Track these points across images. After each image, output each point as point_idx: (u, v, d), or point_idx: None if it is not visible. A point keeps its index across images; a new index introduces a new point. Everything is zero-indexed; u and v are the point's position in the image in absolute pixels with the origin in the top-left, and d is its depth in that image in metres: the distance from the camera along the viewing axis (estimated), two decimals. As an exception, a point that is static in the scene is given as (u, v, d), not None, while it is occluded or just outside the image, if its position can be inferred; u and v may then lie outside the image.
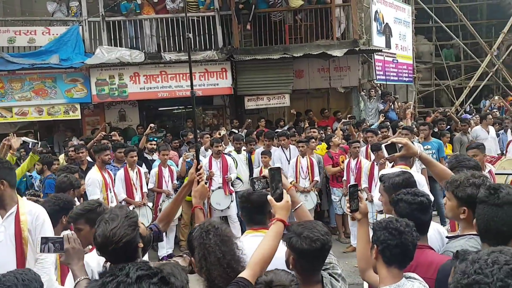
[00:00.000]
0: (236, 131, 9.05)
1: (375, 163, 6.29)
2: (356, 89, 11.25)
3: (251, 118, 10.07)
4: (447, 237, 2.45)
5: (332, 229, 7.26)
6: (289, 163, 7.28)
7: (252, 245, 1.99)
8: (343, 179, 7.04)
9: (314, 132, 7.95)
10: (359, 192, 2.36)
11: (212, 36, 10.29)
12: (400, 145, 2.70)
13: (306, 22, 10.47)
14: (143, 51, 10.03)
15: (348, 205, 2.34)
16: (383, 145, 2.79)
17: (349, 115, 9.71)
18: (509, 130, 9.07)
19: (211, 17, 10.25)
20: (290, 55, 9.79)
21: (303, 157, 7.08)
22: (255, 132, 8.54)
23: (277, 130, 9.01)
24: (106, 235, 1.87)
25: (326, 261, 2.01)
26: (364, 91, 11.35)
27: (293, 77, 10.42)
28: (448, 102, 15.43)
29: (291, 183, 7.09)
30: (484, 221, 1.78)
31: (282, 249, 1.96)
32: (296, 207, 2.27)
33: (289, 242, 1.90)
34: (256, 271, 1.82)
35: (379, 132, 7.30)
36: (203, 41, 10.26)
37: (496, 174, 5.35)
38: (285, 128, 9.43)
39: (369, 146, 6.86)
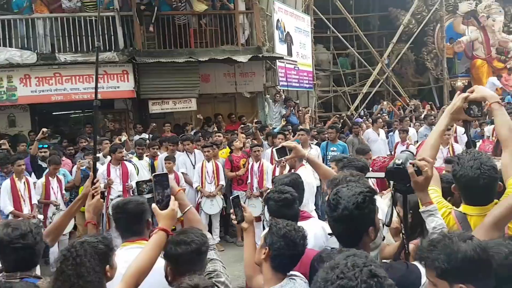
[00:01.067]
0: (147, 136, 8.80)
1: (277, 166, 6.53)
2: (261, 94, 11.57)
3: (157, 122, 9.85)
4: (329, 234, 2.62)
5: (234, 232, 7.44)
6: (194, 168, 7.26)
7: (128, 258, 1.89)
8: (247, 181, 7.21)
9: (219, 136, 8.01)
10: (241, 202, 2.42)
11: (112, 37, 9.88)
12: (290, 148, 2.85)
13: (211, 27, 10.53)
14: (36, 51, 9.30)
15: (233, 217, 2.38)
16: (273, 149, 2.92)
17: (256, 120, 9.94)
18: (397, 132, 9.97)
19: (110, 17, 9.85)
20: (196, 59, 9.75)
21: (208, 162, 7.10)
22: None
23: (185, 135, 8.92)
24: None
25: (210, 269, 2.02)
26: (269, 96, 11.76)
27: (199, 81, 10.39)
28: (345, 107, 16.54)
29: (196, 188, 7.16)
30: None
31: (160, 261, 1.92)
32: (185, 210, 2.23)
33: (165, 252, 1.88)
34: (131, 284, 1.74)
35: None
36: (102, 42, 9.80)
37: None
38: (192, 132, 9.37)
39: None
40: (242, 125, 9.11)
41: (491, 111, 2.29)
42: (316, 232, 2.64)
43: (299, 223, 2.58)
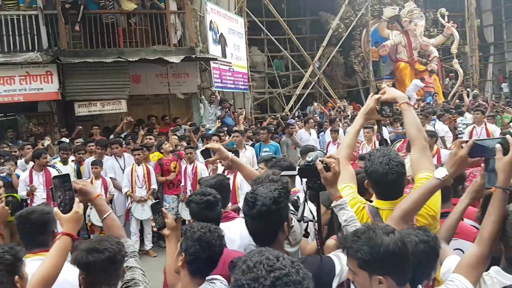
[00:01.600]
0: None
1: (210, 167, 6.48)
2: (196, 95, 11.46)
3: (85, 125, 9.41)
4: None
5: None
6: (123, 172, 7.01)
7: (29, 270, 1.77)
8: (180, 185, 7.09)
9: (150, 139, 7.81)
10: (162, 208, 2.37)
11: (36, 36, 9.31)
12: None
13: (141, 26, 10.25)
14: None
15: (153, 224, 2.31)
16: (197, 151, 2.90)
17: (190, 122, 9.82)
18: (328, 132, 10.31)
19: (33, 16, 9.29)
20: (125, 59, 9.43)
21: (139, 165, 6.89)
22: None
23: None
24: None
25: (128, 277, 1.94)
26: (204, 97, 11.70)
27: (129, 82, 10.07)
28: (280, 108, 16.85)
29: (126, 193, 6.93)
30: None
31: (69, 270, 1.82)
32: (104, 216, 2.13)
33: (75, 259, 1.78)
34: None
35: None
36: (24, 41, 9.22)
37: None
38: (123, 135, 9.05)
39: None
40: (172, 128, 8.95)
41: (401, 111, 2.43)
42: (242, 232, 2.64)
43: (224, 224, 2.58)
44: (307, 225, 2.17)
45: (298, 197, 2.41)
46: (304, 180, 2.11)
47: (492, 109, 10.61)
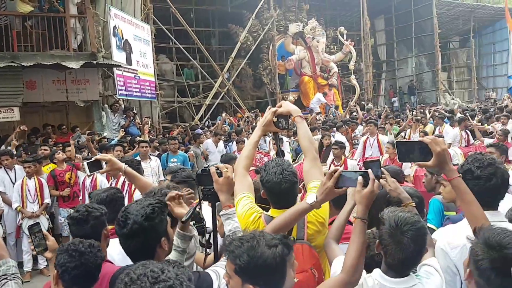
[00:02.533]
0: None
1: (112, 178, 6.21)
2: (97, 103, 10.92)
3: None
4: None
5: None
6: (13, 186, 6.44)
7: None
8: (78, 197, 6.70)
9: (45, 150, 7.27)
10: (42, 229, 2.24)
11: None
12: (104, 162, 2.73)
13: (38, 30, 9.57)
14: None
15: (32, 247, 2.17)
16: (85, 162, 2.76)
17: (88, 131, 9.32)
18: (234, 142, 10.50)
19: None
20: (19, 63, 8.71)
21: (30, 179, 6.38)
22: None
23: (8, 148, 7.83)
24: None
25: None
26: (107, 105, 11.20)
27: (23, 88, 9.29)
28: (190, 117, 16.74)
29: (16, 208, 6.36)
30: None
31: None
32: None
33: None
34: None
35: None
36: None
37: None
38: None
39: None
40: (73, 136, 8.44)
41: (295, 123, 2.57)
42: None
43: (112, 241, 2.48)
44: (210, 236, 2.17)
45: (200, 208, 2.42)
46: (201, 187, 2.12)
47: (383, 120, 11.60)
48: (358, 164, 7.49)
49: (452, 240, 2.05)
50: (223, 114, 14.08)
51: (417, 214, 2.03)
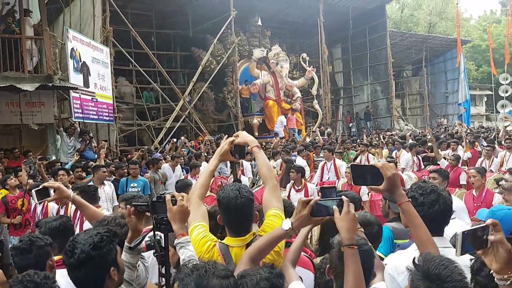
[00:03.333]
0: None
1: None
2: (52, 126, 10.60)
3: None
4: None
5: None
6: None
7: None
8: (30, 224, 6.39)
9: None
10: None
11: None
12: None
13: (-8, 51, 9.27)
14: None
15: None
16: (33, 190, 2.68)
17: (39, 156, 8.98)
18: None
19: None
20: (-31, 85, 8.37)
21: (-24, 205, 6.04)
22: None
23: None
24: None
25: None
26: (63, 128, 10.89)
27: (-27, 110, 8.91)
28: (149, 140, 16.49)
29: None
30: None
31: None
32: None
33: None
34: None
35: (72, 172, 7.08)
36: None
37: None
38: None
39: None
40: (25, 160, 8.11)
41: (253, 153, 2.61)
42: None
43: (59, 272, 2.40)
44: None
45: (160, 237, 2.38)
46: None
47: (340, 145, 11.90)
48: (316, 188, 7.62)
49: (399, 265, 2.07)
50: (182, 138, 13.99)
51: (364, 238, 2.10)
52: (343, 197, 1.83)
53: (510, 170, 5.08)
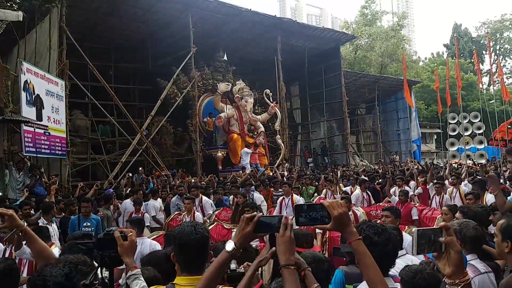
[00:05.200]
0: None
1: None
2: (1, 160, 10.10)
3: None
4: None
5: None
6: None
7: None
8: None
9: None
10: None
11: None
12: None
13: None
14: None
15: None
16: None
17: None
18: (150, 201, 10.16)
19: None
20: None
21: None
22: None
23: None
24: None
25: None
26: (12, 163, 10.40)
27: None
28: (104, 175, 16.00)
29: None
30: None
31: None
32: None
33: None
34: None
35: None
36: None
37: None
38: None
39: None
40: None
41: None
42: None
43: None
44: None
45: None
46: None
47: (297, 181, 12.05)
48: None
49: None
50: (140, 169, 13.74)
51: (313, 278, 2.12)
52: (284, 215, 1.83)
53: (448, 206, 5.29)
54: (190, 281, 2.17)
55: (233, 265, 2.39)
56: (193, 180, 12.94)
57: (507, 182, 9.17)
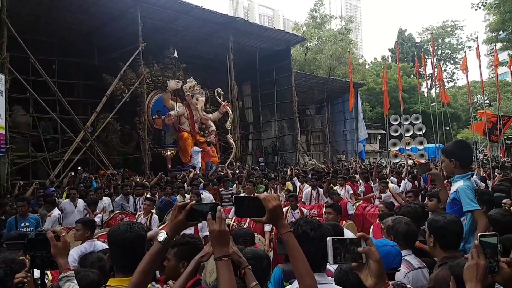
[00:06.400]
0: None
1: None
2: None
3: None
4: None
5: None
6: None
7: None
8: None
9: None
10: None
11: None
12: None
13: None
14: None
15: None
16: None
17: None
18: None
19: None
20: None
21: None
22: None
23: None
24: None
25: None
26: None
27: None
28: (45, 174, 15.26)
29: None
30: None
31: None
32: None
33: None
34: None
35: None
36: None
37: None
38: None
39: None
40: None
41: None
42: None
43: None
44: None
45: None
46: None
47: (246, 180, 12.13)
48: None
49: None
50: (79, 168, 13.28)
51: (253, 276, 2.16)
52: (218, 208, 1.78)
53: (383, 201, 5.56)
54: (123, 282, 2.08)
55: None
56: (138, 179, 12.69)
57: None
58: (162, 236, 1.85)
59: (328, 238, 1.61)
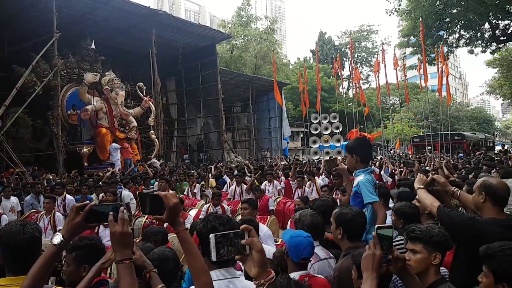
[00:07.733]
0: None
1: None
2: None
3: None
4: None
5: None
6: None
7: None
8: None
9: None
10: None
11: None
12: None
13: None
14: None
15: None
16: None
17: None
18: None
19: None
20: None
21: None
22: None
23: None
24: None
25: None
26: None
27: None
28: None
29: None
30: None
31: None
32: None
33: None
34: None
35: None
36: None
37: None
38: None
39: None
40: None
41: None
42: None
43: None
44: None
45: None
46: None
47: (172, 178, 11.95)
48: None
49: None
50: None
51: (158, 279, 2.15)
52: (121, 208, 1.75)
53: (301, 199, 5.80)
54: (14, 281, 2.05)
55: None
56: (51, 177, 11.92)
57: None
58: (57, 239, 1.78)
59: (210, 235, 1.64)
